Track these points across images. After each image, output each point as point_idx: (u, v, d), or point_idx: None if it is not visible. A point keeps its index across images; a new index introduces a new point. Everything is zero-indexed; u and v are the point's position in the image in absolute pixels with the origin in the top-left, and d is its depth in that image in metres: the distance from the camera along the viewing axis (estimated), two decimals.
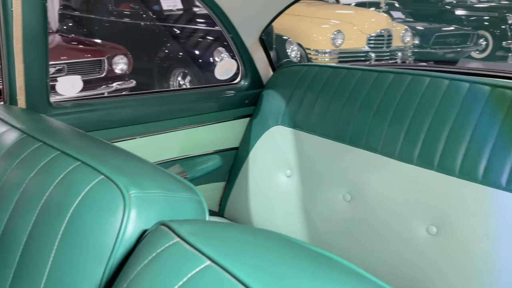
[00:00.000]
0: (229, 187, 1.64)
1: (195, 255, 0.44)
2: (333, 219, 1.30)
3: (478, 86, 1.15)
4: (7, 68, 1.12)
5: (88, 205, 0.58)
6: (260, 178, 1.54)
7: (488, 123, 1.08)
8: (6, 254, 0.61)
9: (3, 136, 0.81)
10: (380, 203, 1.20)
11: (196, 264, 0.43)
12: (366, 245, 1.20)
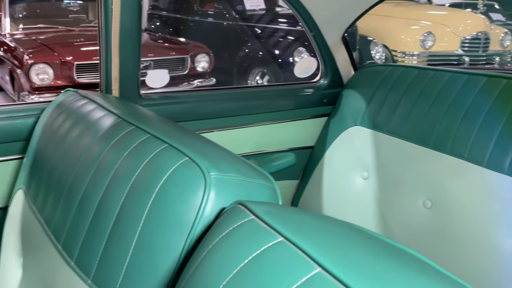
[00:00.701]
0: (302, 186, 1.66)
1: (269, 231, 0.47)
2: (411, 225, 1.27)
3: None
4: (105, 60, 1.26)
5: (173, 183, 0.64)
6: (335, 178, 1.55)
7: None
8: (101, 223, 0.70)
9: (101, 120, 0.92)
10: (464, 212, 1.15)
11: (269, 239, 0.46)
12: (446, 255, 1.16)
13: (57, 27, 5.09)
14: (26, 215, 0.96)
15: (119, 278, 0.63)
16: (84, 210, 0.75)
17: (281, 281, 0.42)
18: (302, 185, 1.67)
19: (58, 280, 0.75)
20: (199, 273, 0.49)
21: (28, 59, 3.89)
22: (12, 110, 1.21)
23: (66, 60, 3.99)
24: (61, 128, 0.99)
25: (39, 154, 1.02)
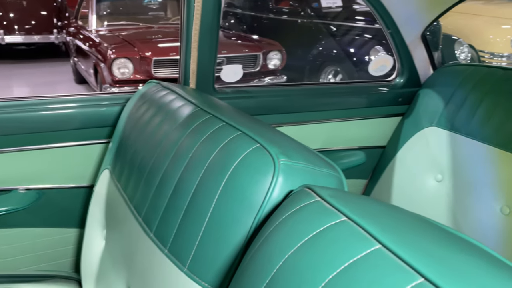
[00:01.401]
0: (371, 185, 1.66)
1: (333, 211, 0.52)
2: (486, 231, 1.23)
3: None
4: (185, 54, 1.37)
5: (245, 167, 0.70)
6: (406, 179, 1.53)
7: None
8: (178, 200, 0.78)
9: (180, 109, 1.01)
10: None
11: (333, 218, 0.50)
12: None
13: (138, 24, 5.46)
14: (111, 192, 1.08)
15: (192, 248, 0.71)
16: (163, 188, 0.84)
17: (341, 255, 0.46)
18: (371, 185, 1.67)
19: (138, 250, 0.85)
20: (265, 246, 0.55)
21: (111, 53, 4.23)
22: (101, 98, 1.36)
23: (145, 56, 4.27)
24: (144, 116, 1.10)
25: (123, 139, 1.14)
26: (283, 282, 0.49)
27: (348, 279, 0.43)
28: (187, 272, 0.71)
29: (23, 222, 1.32)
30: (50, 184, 1.32)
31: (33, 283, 1.18)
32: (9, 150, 1.23)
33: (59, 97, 1.31)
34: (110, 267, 0.99)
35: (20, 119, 1.22)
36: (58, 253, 1.40)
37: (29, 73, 7.44)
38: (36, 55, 9.16)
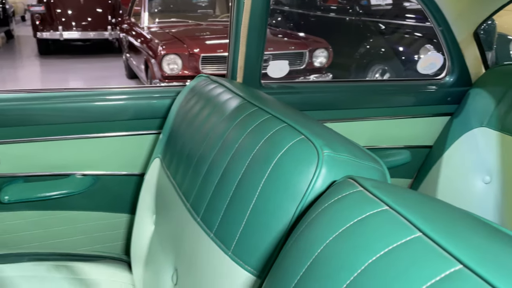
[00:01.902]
0: (415, 185, 1.64)
1: (375, 201, 0.53)
2: None
3: None
4: (233, 50, 1.41)
5: (289, 157, 0.73)
6: (452, 180, 1.50)
7: None
8: (224, 188, 0.82)
9: (228, 102, 1.05)
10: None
11: (375, 207, 0.52)
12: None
13: (187, 21, 5.60)
14: (161, 179, 1.14)
15: (237, 233, 0.74)
16: (210, 176, 0.88)
17: (381, 241, 0.47)
18: (415, 184, 1.65)
19: (185, 233, 0.90)
20: (306, 232, 0.57)
21: (161, 50, 4.37)
22: (153, 91, 1.43)
23: (193, 52, 4.39)
24: (193, 109, 1.15)
25: (173, 130, 1.19)
26: (323, 266, 0.51)
27: (387, 264, 0.45)
28: (231, 256, 0.75)
29: (80, 205, 1.42)
30: (104, 171, 1.41)
31: (87, 262, 1.26)
32: (69, 138, 1.32)
33: (115, 89, 1.39)
34: (158, 250, 1.05)
35: (80, 109, 1.31)
36: (110, 236, 1.49)
37: (84, 68, 7.82)
38: (91, 50, 9.60)
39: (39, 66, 7.91)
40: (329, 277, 0.49)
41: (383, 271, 0.45)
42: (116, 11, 8.40)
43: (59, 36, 8.22)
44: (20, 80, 6.84)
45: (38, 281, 1.13)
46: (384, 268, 0.45)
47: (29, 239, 1.39)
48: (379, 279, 0.45)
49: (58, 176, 1.36)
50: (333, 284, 0.49)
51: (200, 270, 0.81)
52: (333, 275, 0.49)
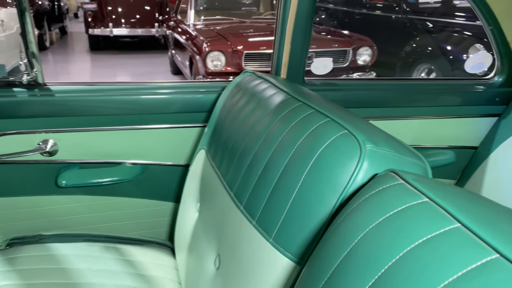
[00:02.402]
0: (459, 186, 1.61)
1: (415, 193, 0.55)
2: None
3: None
4: (278, 47, 1.44)
5: (332, 151, 0.75)
6: (498, 182, 1.46)
7: None
8: (267, 178, 0.85)
9: (272, 97, 1.09)
10: None
11: (415, 199, 0.54)
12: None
13: (232, 18, 5.68)
14: (206, 169, 1.19)
15: (278, 221, 0.78)
16: (254, 167, 0.92)
17: (420, 231, 0.49)
18: (459, 185, 1.62)
19: (228, 221, 0.94)
20: (347, 221, 0.60)
21: (206, 47, 4.47)
22: (200, 86, 1.48)
23: (237, 49, 4.45)
24: (238, 103, 1.19)
25: (219, 123, 1.24)
26: (362, 253, 0.54)
27: (424, 252, 0.47)
28: (272, 243, 0.78)
29: (129, 192, 1.50)
30: (152, 161, 1.48)
31: (135, 245, 1.34)
32: (121, 128, 1.40)
33: (164, 83, 1.46)
34: (202, 236, 1.10)
35: (132, 101, 1.39)
36: (155, 222, 1.57)
37: (131, 64, 8.10)
38: (138, 47, 9.92)
39: (89, 61, 8.27)
40: (367, 264, 0.52)
41: (420, 258, 0.47)
42: (163, 9, 8.64)
43: (109, 32, 8.55)
44: (72, 74, 7.18)
45: (91, 260, 1.22)
46: (421, 255, 0.47)
47: (83, 222, 1.49)
48: (416, 266, 0.47)
49: (110, 164, 1.45)
50: (371, 270, 0.51)
51: (242, 256, 0.85)
52: (371, 262, 0.52)
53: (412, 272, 0.47)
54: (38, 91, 1.32)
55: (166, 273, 1.25)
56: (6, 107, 1.29)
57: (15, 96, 1.30)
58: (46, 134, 1.35)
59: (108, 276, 1.17)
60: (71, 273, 1.15)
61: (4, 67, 1.34)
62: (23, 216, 1.43)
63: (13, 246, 1.26)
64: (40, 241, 1.28)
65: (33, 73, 1.31)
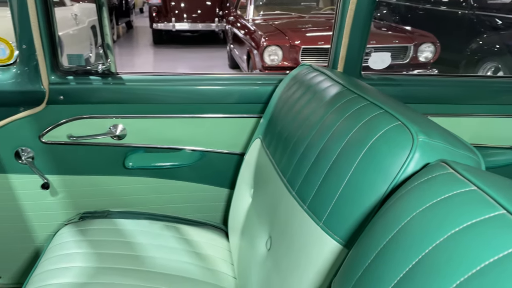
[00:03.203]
0: None
1: (464, 182, 0.57)
2: None
3: None
4: (336, 40, 1.46)
5: (384, 141, 0.78)
6: None
7: None
8: (320, 166, 0.89)
9: (328, 89, 1.12)
10: None
11: (463, 187, 0.56)
12: None
13: (291, 13, 5.70)
14: (261, 157, 1.25)
15: (329, 206, 0.81)
16: (307, 155, 0.96)
17: (465, 215, 0.51)
18: None
19: (281, 205, 0.99)
20: (394, 207, 0.62)
21: (264, 41, 4.53)
22: (257, 78, 1.54)
23: (294, 44, 4.48)
24: (294, 95, 1.23)
25: (274, 113, 1.29)
26: (407, 236, 0.56)
27: (468, 235, 0.49)
28: (322, 226, 0.82)
29: (187, 177, 1.59)
30: (210, 148, 1.56)
31: (192, 226, 1.43)
32: (183, 116, 1.50)
33: (224, 74, 1.53)
34: (254, 220, 1.16)
35: (194, 91, 1.47)
36: (211, 207, 1.65)
37: (191, 58, 8.35)
38: (198, 41, 10.19)
39: (152, 55, 8.63)
40: (412, 245, 0.55)
41: (463, 241, 0.49)
42: (224, 4, 8.81)
43: (172, 27, 8.87)
44: (136, 67, 7.54)
45: (152, 236, 1.32)
46: (465, 238, 0.49)
47: (145, 202, 1.61)
48: (459, 248, 0.49)
49: (172, 149, 1.55)
50: (415, 252, 0.54)
51: (292, 238, 0.90)
52: (415, 244, 0.54)
53: (454, 254, 0.49)
54: (111, 80, 1.44)
55: (220, 254, 1.33)
56: (83, 93, 1.42)
57: (91, 84, 1.42)
58: (116, 119, 1.47)
59: (167, 251, 1.26)
60: (134, 246, 1.25)
61: (82, 56, 1.47)
62: (94, 193, 1.56)
63: (84, 220, 1.39)
64: (108, 216, 1.40)
65: (108, 63, 1.43)
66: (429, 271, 0.50)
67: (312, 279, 0.81)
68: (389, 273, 0.55)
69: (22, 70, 1.36)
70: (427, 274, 0.50)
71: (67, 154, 1.49)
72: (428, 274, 0.50)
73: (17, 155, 1.46)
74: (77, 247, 1.23)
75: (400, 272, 0.53)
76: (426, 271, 0.50)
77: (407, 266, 0.53)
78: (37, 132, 1.44)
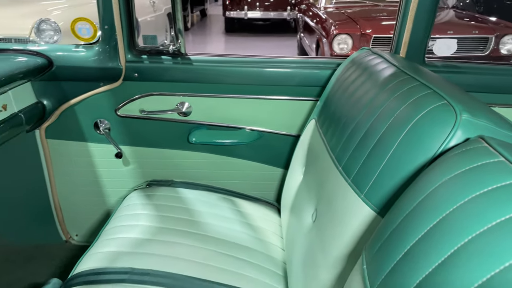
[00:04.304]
0: None
1: (494, 154, 0.59)
2: None
3: None
4: (400, 25, 1.47)
5: (428, 119, 0.81)
6: None
7: None
8: (366, 143, 0.94)
9: (382, 71, 1.15)
10: None
11: (492, 158, 0.59)
12: None
13: (365, 1, 5.60)
14: (314, 136, 1.31)
15: (371, 180, 0.87)
16: (355, 133, 1.01)
17: (487, 181, 0.55)
18: None
19: (328, 179, 1.05)
20: (425, 176, 0.66)
21: (334, 29, 4.52)
22: (317, 61, 1.60)
23: (365, 33, 4.42)
24: (350, 77, 1.28)
25: (330, 95, 1.35)
26: (432, 200, 0.61)
27: (490, 199, 0.53)
28: (363, 198, 0.87)
29: (245, 155, 1.70)
30: (267, 129, 1.65)
31: (247, 200, 1.53)
32: (244, 97, 1.60)
33: (286, 57, 1.61)
34: (304, 195, 1.23)
35: (256, 73, 1.57)
36: (265, 185, 1.75)
37: (261, 46, 8.48)
38: (268, 30, 10.30)
39: (223, 43, 8.88)
40: (436, 208, 0.59)
41: (483, 202, 0.53)
42: None
43: (244, 15, 9.05)
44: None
45: (210, 205, 1.44)
46: (486, 201, 0.53)
47: (205, 175, 1.74)
48: (478, 208, 0.53)
49: (232, 128, 1.66)
50: (436, 213, 0.58)
51: (336, 209, 0.96)
52: (439, 207, 0.59)
53: (472, 214, 0.53)
54: (180, 60, 1.57)
55: (271, 227, 1.41)
56: (155, 71, 1.56)
57: (162, 63, 1.57)
58: (183, 97, 1.60)
59: (222, 219, 1.37)
60: (193, 213, 1.38)
61: (156, 37, 1.62)
62: (160, 164, 1.72)
63: (151, 187, 1.54)
64: (172, 185, 1.54)
65: (178, 44, 1.56)
66: (445, 230, 0.55)
67: (350, 246, 0.87)
68: (410, 235, 0.60)
69: (103, 49, 1.53)
70: (443, 232, 0.55)
71: (138, 127, 1.66)
72: (444, 233, 0.54)
73: (96, 126, 1.65)
74: (143, 209, 1.38)
75: (419, 233, 0.58)
76: (443, 229, 0.55)
77: (427, 226, 0.58)
78: (114, 105, 1.61)
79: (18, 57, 1.49)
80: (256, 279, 1.16)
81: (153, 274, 1.09)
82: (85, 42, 1.58)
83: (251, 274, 1.17)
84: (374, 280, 0.62)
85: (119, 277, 1.08)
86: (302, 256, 1.08)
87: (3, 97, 1.39)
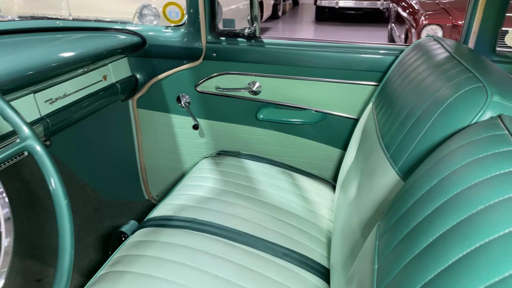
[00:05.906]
0: None
1: (500, 126, 0.65)
2: None
3: None
4: (470, 15, 1.48)
5: (461, 99, 0.87)
6: None
7: None
8: (406, 123, 1.01)
9: (436, 56, 1.20)
10: None
11: (496, 131, 0.65)
12: None
13: None
14: (369, 119, 1.39)
15: (405, 155, 0.95)
16: (400, 113, 1.09)
17: (487, 148, 0.61)
18: None
19: (372, 154, 1.14)
20: (440, 147, 0.74)
21: (423, 19, 4.39)
22: (382, 47, 1.65)
23: (457, 24, 4.23)
24: (408, 62, 1.33)
25: (388, 79, 1.41)
26: (443, 164, 0.69)
27: (501, 180, 0.58)
28: (397, 171, 0.96)
29: (308, 135, 1.81)
30: (330, 111, 1.75)
31: (304, 176, 1.65)
32: (311, 79, 1.71)
33: (352, 43, 1.69)
34: (352, 171, 1.33)
35: (323, 57, 1.67)
36: (324, 164, 1.85)
37: (350, 35, 8.38)
38: (359, 19, 10.10)
39: (312, 32, 8.91)
40: (454, 185, 0.63)
41: (495, 183, 0.59)
42: None
43: (335, 4, 8.97)
44: None
45: (270, 176, 1.59)
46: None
47: (269, 150, 1.89)
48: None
49: (298, 108, 1.78)
50: (452, 189, 0.64)
51: (373, 182, 1.05)
52: (457, 184, 0.63)
53: (483, 194, 0.58)
54: (254, 42, 1.73)
55: (323, 201, 1.53)
56: (231, 52, 1.74)
57: (237, 45, 1.73)
58: (254, 77, 1.76)
59: (279, 189, 1.51)
60: (254, 181, 1.54)
61: (234, 21, 1.79)
62: (229, 137, 1.91)
63: (220, 156, 1.73)
64: (238, 156, 1.71)
65: (253, 27, 1.72)
66: (458, 206, 0.59)
67: (380, 212, 0.97)
68: (423, 212, 0.63)
69: (188, 30, 1.74)
70: (456, 208, 0.58)
71: (213, 102, 1.85)
72: (457, 209, 0.58)
73: (178, 99, 1.87)
74: (211, 173, 1.57)
75: (430, 209, 0.63)
76: (456, 206, 0.59)
77: (441, 201, 0.62)
78: (194, 82, 1.82)
79: (118, 35, 1.75)
80: (303, 243, 1.29)
81: (212, 225, 1.27)
82: (174, 24, 1.80)
83: (299, 238, 1.30)
84: (381, 255, 0.67)
85: (183, 224, 1.27)
86: (343, 223, 1.19)
87: (104, 69, 1.66)
